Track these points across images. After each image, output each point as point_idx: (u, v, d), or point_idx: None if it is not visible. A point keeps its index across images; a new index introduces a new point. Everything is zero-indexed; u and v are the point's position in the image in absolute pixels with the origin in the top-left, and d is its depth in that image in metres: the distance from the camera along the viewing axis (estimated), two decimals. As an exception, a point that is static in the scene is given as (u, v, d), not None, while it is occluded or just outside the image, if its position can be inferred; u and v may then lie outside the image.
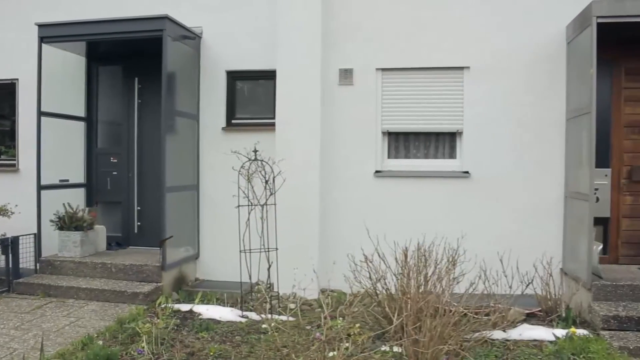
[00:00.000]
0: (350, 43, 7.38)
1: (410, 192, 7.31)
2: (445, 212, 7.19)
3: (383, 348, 5.42)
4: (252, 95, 7.91)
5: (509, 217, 7.12)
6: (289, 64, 7.22)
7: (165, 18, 6.86)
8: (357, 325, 5.89)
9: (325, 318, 5.08)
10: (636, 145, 7.04)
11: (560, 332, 5.76)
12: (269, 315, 6.43)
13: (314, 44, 7.20)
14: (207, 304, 6.91)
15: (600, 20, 6.11)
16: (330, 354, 4.99)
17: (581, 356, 5.24)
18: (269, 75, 7.47)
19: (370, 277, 5.79)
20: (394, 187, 7.35)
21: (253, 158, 6.67)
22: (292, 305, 6.93)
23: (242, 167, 6.62)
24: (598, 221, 7.00)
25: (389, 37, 7.33)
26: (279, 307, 6.84)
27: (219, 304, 6.90)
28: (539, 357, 5.29)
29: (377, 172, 7.38)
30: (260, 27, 7.55)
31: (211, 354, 5.34)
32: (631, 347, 5.38)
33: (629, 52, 6.96)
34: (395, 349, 5.33)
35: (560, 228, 7.07)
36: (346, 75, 7.35)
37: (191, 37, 7.45)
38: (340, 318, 6.32)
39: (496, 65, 7.15)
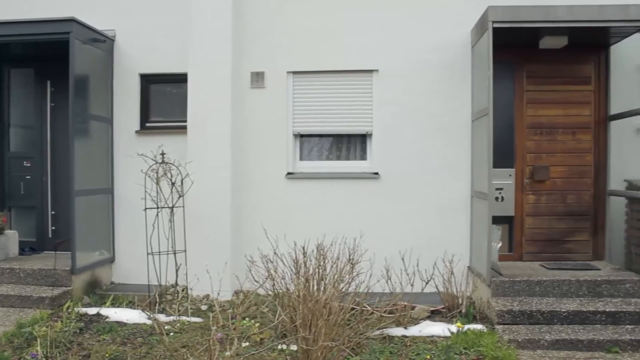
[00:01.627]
0: (262, 47, 7.46)
1: (322, 194, 7.41)
2: (356, 212, 7.32)
3: (280, 346, 5.49)
4: (166, 98, 7.88)
5: (417, 217, 7.29)
6: (200, 68, 7.26)
7: (72, 20, 6.79)
8: (257, 324, 6.03)
9: (214, 317, 5.15)
10: (538, 146, 7.29)
11: (464, 328, 5.91)
12: (176, 317, 6.46)
13: (225, 47, 7.25)
14: (118, 307, 6.87)
15: (496, 25, 6.33)
16: (227, 353, 5.06)
17: (472, 350, 5.41)
18: (183, 79, 7.44)
19: (271, 278, 5.86)
20: (305, 189, 7.43)
21: (160, 161, 6.69)
22: (203, 307, 6.96)
23: (150, 169, 6.63)
24: (504, 220, 7.28)
25: (300, 41, 7.43)
26: (191, 308, 6.85)
27: (130, 307, 6.88)
28: (433, 351, 5.42)
29: (288, 173, 7.46)
30: (173, 31, 7.53)
31: (107, 355, 5.34)
32: (520, 340, 5.57)
33: (531, 56, 7.21)
34: (292, 347, 5.41)
35: (468, 227, 7.27)
36: (258, 78, 7.42)
37: (102, 40, 7.40)
38: (247, 318, 6.44)
39: (405, 68, 7.32)
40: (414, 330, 6.02)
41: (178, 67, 7.49)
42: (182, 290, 7.19)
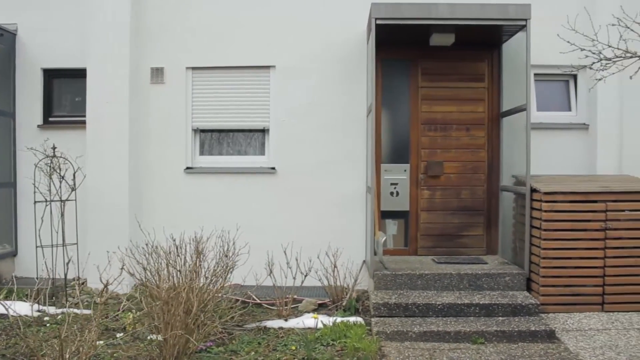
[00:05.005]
0: (162, 42, 7.50)
1: (220, 188, 7.47)
2: (252, 207, 7.40)
3: (150, 337, 5.56)
4: (70, 93, 7.90)
5: (313, 211, 7.38)
6: (99, 63, 7.28)
7: (-36, 14, 6.85)
8: (131, 316, 6.10)
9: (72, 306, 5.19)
10: (433, 142, 7.40)
11: (337, 320, 5.99)
12: (64, 310, 6.51)
13: (123, 43, 7.28)
14: (12, 300, 6.90)
15: (379, 22, 6.44)
16: (99, 343, 5.19)
17: (338, 341, 5.51)
18: (86, 74, 7.48)
19: (144, 269, 5.92)
20: (204, 183, 7.49)
21: (52, 154, 6.73)
22: (98, 300, 6.99)
23: (42, 162, 6.68)
24: (399, 215, 7.42)
25: (199, 37, 7.48)
26: (86, 301, 6.90)
27: (25, 300, 6.91)
28: (301, 343, 5.49)
29: (187, 168, 7.51)
30: (76, 26, 7.54)
31: (-36, 347, 5.42)
32: (388, 332, 5.67)
33: (426, 53, 7.32)
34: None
35: (364, 221, 7.36)
36: (157, 74, 7.47)
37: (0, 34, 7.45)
38: (134, 310, 6.49)
39: (302, 64, 7.40)
40: (292, 323, 6.09)
41: (81, 62, 7.49)
42: (82, 283, 7.25)
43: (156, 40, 7.50)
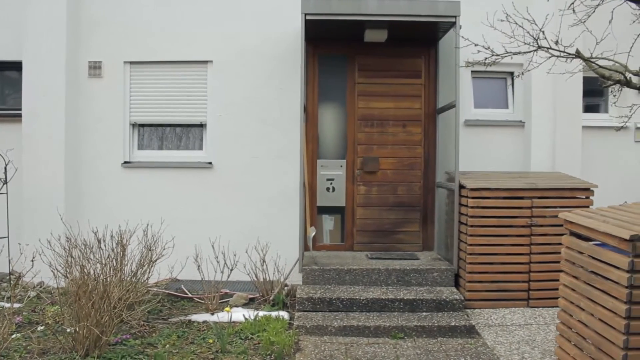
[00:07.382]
0: (100, 36, 7.46)
1: (158, 182, 7.44)
2: (189, 201, 7.40)
3: (68, 330, 5.56)
4: (8, 87, 7.90)
5: (248, 206, 7.38)
6: (35, 57, 7.25)
7: None
8: (53, 309, 6.10)
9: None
10: (368, 138, 7.40)
11: (260, 314, 6.01)
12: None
13: (59, 37, 7.24)
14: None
15: (309, 17, 6.45)
16: (15, 335, 5.20)
17: (257, 335, 5.54)
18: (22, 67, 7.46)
19: (68, 264, 5.91)
20: (142, 178, 7.45)
21: (-19, 148, 6.73)
22: (32, 294, 7.00)
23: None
24: (336, 210, 7.43)
25: (138, 31, 7.45)
26: (20, 295, 6.87)
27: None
28: (221, 336, 5.50)
29: (125, 162, 7.48)
30: (12, 18, 7.48)
31: None
32: (308, 326, 5.69)
33: (363, 49, 7.33)
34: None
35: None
36: (95, 67, 7.44)
37: None
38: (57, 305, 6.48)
39: (239, 60, 7.39)
40: (219, 317, 6.10)
41: (18, 55, 7.43)
42: (18, 278, 7.22)
43: (94, 34, 7.46)
